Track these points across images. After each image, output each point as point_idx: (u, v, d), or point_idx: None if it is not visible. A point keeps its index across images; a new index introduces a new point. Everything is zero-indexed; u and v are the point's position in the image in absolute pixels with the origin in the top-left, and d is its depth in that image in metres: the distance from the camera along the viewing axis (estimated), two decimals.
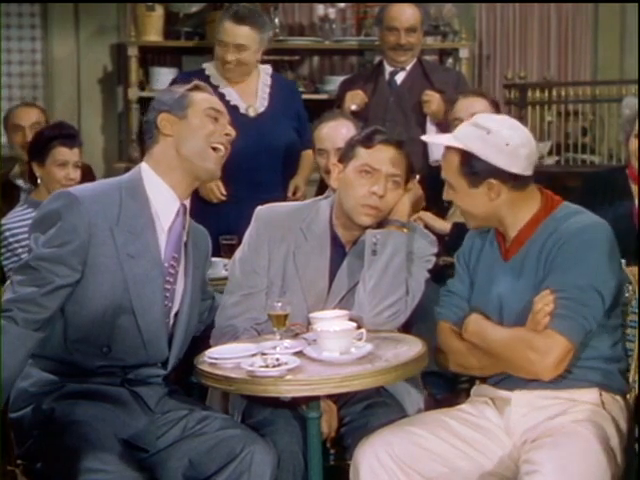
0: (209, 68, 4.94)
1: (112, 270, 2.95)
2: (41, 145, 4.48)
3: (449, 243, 4.50)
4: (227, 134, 3.13)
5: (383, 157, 3.26)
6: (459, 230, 4.46)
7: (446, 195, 3.08)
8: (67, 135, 4.45)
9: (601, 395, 2.94)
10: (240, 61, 4.78)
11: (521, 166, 2.95)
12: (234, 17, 4.78)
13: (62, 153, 4.40)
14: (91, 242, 2.92)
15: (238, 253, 3.36)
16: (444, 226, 4.62)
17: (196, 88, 3.15)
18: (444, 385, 4.30)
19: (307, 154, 4.90)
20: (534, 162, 3.02)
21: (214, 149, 3.10)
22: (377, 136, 3.29)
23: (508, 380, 3.01)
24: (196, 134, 3.08)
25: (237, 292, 3.30)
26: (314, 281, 3.30)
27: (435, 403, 4.06)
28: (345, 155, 3.34)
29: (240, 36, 4.76)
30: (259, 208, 3.39)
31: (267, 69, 4.98)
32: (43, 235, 2.92)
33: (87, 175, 4.97)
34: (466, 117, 4.62)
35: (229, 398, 3.30)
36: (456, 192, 3.02)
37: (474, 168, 2.95)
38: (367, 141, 3.28)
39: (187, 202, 3.13)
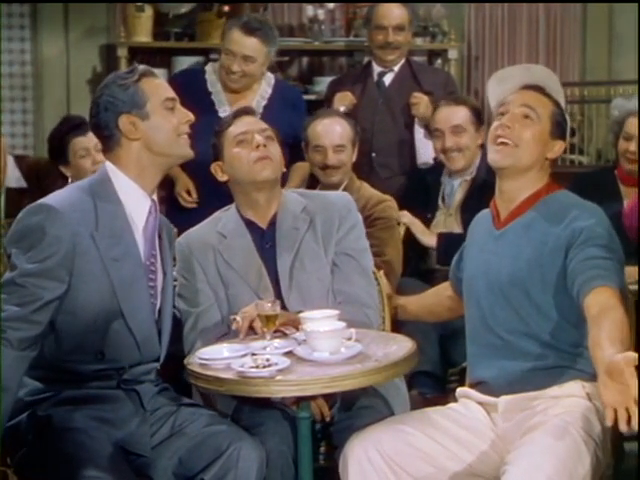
0: (210, 72, 4.91)
1: (98, 276, 2.93)
2: (57, 146, 4.49)
3: (440, 255, 4.52)
4: (188, 120, 3.12)
5: (246, 122, 3.50)
6: (446, 240, 4.49)
7: (511, 122, 3.09)
8: (77, 125, 4.44)
9: (584, 387, 2.96)
10: (245, 73, 4.72)
11: None
12: (244, 28, 4.70)
13: (80, 143, 4.40)
14: (75, 251, 2.88)
15: (177, 290, 3.38)
16: (431, 241, 4.65)
17: (143, 76, 3.07)
18: (433, 385, 4.32)
19: (299, 166, 4.84)
20: None
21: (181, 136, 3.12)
22: (227, 117, 3.57)
23: (493, 386, 3.06)
24: (163, 130, 3.05)
25: (191, 316, 3.35)
26: (248, 264, 3.39)
27: (424, 402, 4.08)
28: (217, 151, 3.50)
29: (248, 47, 4.68)
30: (177, 241, 3.44)
31: (270, 79, 4.91)
32: (26, 250, 2.86)
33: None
34: (445, 129, 4.66)
35: (217, 399, 3.32)
36: (537, 127, 3.09)
37: (564, 123, 3.16)
38: (226, 125, 3.49)
39: (155, 197, 3.12)
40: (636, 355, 2.49)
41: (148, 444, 2.97)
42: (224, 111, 4.75)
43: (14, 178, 5.20)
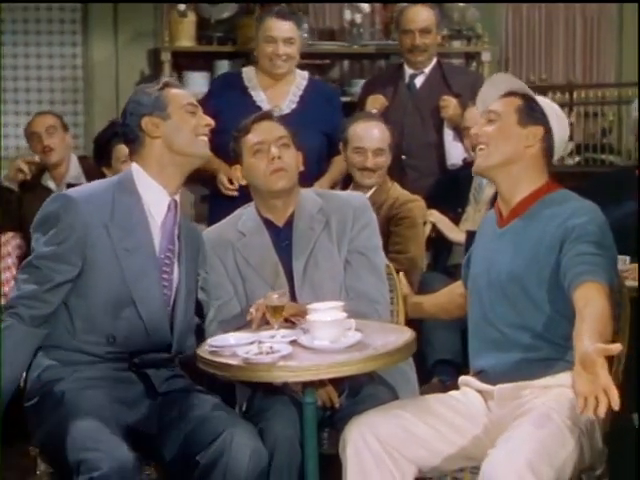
0: (246, 71, 5.09)
1: (110, 265, 3.12)
2: (102, 149, 4.68)
3: (466, 252, 4.64)
4: (207, 124, 3.30)
5: (262, 130, 3.57)
6: (474, 237, 4.61)
7: (478, 129, 3.25)
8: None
9: None
10: (289, 55, 4.92)
11: (559, 138, 3.24)
12: (278, 14, 4.95)
13: (123, 150, 4.50)
14: (87, 239, 3.09)
15: (200, 283, 3.47)
16: (459, 237, 4.75)
17: (166, 86, 3.29)
18: (453, 372, 4.44)
19: (338, 159, 4.96)
20: (560, 149, 3.30)
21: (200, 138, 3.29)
22: (246, 122, 3.61)
23: (491, 375, 3.17)
24: (182, 130, 3.24)
25: (212, 308, 3.50)
26: (264, 260, 3.53)
27: (444, 389, 4.22)
28: (236, 155, 3.61)
29: (287, 30, 4.92)
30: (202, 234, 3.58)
31: (304, 74, 5.09)
32: (44, 235, 3.11)
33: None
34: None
35: (236, 388, 3.48)
36: (499, 123, 3.20)
37: (533, 110, 3.21)
38: (244, 130, 3.58)
39: (177, 197, 3.29)
40: (607, 346, 2.62)
41: (155, 424, 3.12)
42: (259, 96, 4.96)
43: (74, 176, 5.39)
